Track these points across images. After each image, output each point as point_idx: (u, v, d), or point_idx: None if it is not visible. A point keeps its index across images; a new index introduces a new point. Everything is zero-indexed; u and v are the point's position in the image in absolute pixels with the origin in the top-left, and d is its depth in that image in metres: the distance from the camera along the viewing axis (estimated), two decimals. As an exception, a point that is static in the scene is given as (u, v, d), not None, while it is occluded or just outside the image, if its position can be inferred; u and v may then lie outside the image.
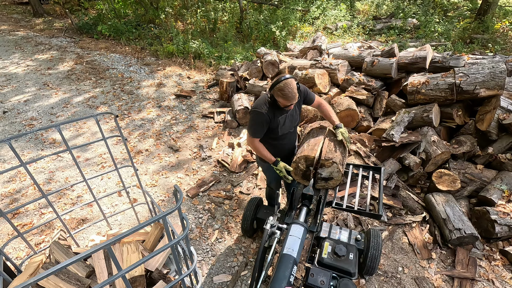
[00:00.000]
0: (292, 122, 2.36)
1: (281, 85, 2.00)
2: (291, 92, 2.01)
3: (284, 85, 2.00)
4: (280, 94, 2.03)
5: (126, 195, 3.55)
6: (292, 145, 2.59)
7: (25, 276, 1.75)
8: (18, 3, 14.46)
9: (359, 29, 8.56)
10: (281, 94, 2.02)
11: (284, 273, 1.67)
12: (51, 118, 5.27)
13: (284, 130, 2.32)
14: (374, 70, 4.40)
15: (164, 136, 4.83)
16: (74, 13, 11.66)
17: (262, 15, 9.44)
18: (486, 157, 3.29)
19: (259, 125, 2.20)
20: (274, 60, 5.52)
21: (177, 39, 7.98)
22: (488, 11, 7.93)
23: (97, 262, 1.86)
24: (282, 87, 2.00)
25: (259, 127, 2.21)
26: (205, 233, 3.14)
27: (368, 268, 2.39)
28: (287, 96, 2.02)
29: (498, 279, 2.58)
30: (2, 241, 3.05)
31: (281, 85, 2.00)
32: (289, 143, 2.52)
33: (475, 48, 6.77)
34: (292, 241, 1.86)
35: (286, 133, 2.36)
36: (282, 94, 2.02)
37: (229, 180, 3.87)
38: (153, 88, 6.40)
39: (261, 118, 2.17)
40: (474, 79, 3.31)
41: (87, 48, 8.76)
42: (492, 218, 2.73)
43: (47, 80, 6.70)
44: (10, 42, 9.17)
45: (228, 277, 2.69)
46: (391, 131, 3.45)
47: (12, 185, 3.80)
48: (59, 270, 0.97)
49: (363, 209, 2.41)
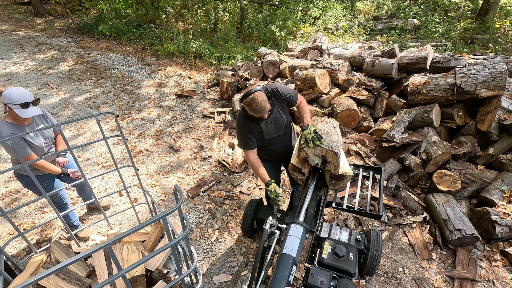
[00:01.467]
0: (278, 125, 2.32)
1: (248, 100, 1.99)
2: (258, 106, 1.99)
3: (251, 100, 1.98)
4: (248, 108, 2.04)
5: (126, 195, 3.56)
6: (286, 147, 2.53)
7: (26, 275, 1.75)
8: (19, 3, 14.49)
9: (359, 29, 8.56)
10: (249, 108, 2.03)
11: (283, 273, 1.67)
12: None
13: (270, 135, 2.29)
14: (375, 71, 4.39)
15: (164, 136, 4.83)
16: (75, 13, 11.68)
17: (263, 15, 9.44)
18: (486, 158, 3.29)
19: (245, 136, 2.19)
20: (274, 60, 5.52)
21: (177, 39, 7.99)
22: (489, 12, 7.92)
23: (97, 262, 1.86)
24: (249, 101, 1.99)
25: (246, 138, 2.20)
26: (205, 233, 3.14)
27: (368, 269, 2.39)
28: (255, 110, 2.02)
29: (498, 280, 2.58)
30: (3, 240, 3.06)
31: (248, 100, 1.99)
32: (281, 146, 2.47)
33: (476, 48, 6.76)
34: (291, 241, 1.86)
35: (273, 136, 2.33)
36: (250, 108, 2.02)
37: (229, 180, 3.87)
38: (154, 88, 6.40)
39: (243, 129, 2.18)
40: (475, 79, 3.31)
41: (88, 48, 8.77)
42: (493, 218, 2.72)
43: (48, 80, 6.71)
44: (11, 42, 9.18)
45: (228, 277, 2.70)
46: (392, 132, 3.44)
47: (12, 184, 3.81)
48: (60, 270, 0.97)
49: (363, 210, 2.41)
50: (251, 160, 2.25)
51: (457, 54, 4.58)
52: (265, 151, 2.41)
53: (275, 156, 2.51)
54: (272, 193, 2.20)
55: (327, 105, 4.44)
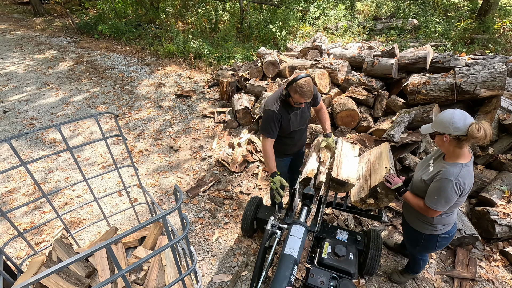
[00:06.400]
0: (303, 119, 2.40)
1: (300, 82, 2.05)
2: (309, 90, 2.07)
3: (303, 82, 2.05)
4: (298, 90, 2.07)
5: (126, 195, 3.56)
6: (302, 142, 2.63)
7: (29, 274, 1.75)
8: (18, 2, 14.47)
9: (359, 29, 8.56)
10: (300, 90, 2.06)
11: (284, 273, 1.67)
12: (51, 118, 5.27)
13: (294, 127, 2.36)
14: (375, 70, 4.40)
15: (164, 135, 4.83)
16: (75, 13, 11.67)
17: (263, 15, 9.43)
18: (486, 158, 3.29)
19: (271, 123, 2.23)
20: (274, 60, 5.52)
21: (177, 39, 7.98)
22: (489, 11, 7.93)
23: (99, 261, 1.86)
24: (301, 83, 2.05)
25: (272, 125, 2.24)
26: (205, 233, 3.14)
27: (368, 268, 2.39)
28: (304, 93, 2.07)
29: (498, 279, 2.58)
30: (2, 240, 3.05)
31: (301, 82, 2.05)
32: (300, 140, 2.56)
33: (475, 48, 6.77)
34: (293, 241, 1.86)
35: (296, 130, 2.40)
36: (301, 90, 2.06)
37: (229, 180, 3.87)
38: (153, 88, 6.40)
39: (273, 116, 2.21)
40: (474, 79, 3.31)
41: (88, 47, 8.76)
42: (492, 218, 2.72)
43: (48, 79, 6.70)
44: (10, 41, 9.17)
45: (228, 277, 2.70)
46: (391, 131, 3.45)
47: (12, 184, 3.81)
48: (62, 269, 0.97)
49: (363, 210, 2.42)
50: (266, 148, 2.28)
51: (456, 54, 4.58)
52: (284, 142, 2.46)
53: (290, 149, 2.57)
54: (275, 184, 2.22)
55: (327, 105, 4.44)
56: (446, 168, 1.68)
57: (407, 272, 2.51)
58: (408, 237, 2.20)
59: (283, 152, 2.56)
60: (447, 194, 1.65)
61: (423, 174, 1.84)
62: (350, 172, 2.22)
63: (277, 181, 2.22)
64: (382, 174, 2.02)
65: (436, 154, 1.91)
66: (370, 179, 2.16)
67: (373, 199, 2.08)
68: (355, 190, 2.28)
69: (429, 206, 1.74)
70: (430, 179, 1.76)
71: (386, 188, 1.99)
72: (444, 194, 1.66)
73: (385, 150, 2.29)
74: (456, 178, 1.63)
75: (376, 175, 2.11)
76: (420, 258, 2.29)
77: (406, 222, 2.14)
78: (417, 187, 1.89)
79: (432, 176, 1.76)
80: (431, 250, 2.12)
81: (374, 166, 2.23)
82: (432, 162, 1.87)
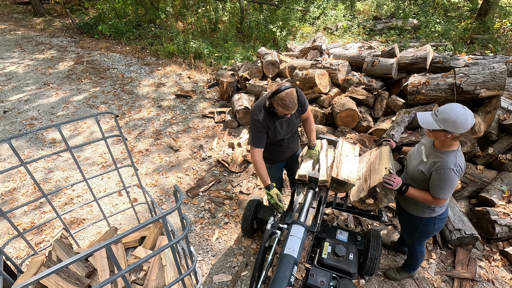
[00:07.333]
0: (290, 127, 2.34)
1: (282, 95, 1.96)
2: (292, 102, 1.98)
3: (285, 95, 1.95)
4: (280, 103, 1.99)
5: (126, 195, 3.56)
6: (293, 148, 2.56)
7: (29, 274, 1.75)
8: (18, 2, 14.47)
9: (359, 29, 8.56)
10: (282, 103, 1.98)
11: (284, 273, 1.67)
12: (51, 118, 5.27)
13: (282, 135, 2.30)
14: (375, 70, 4.40)
15: (164, 135, 4.83)
16: (75, 13, 11.67)
17: (263, 15, 9.44)
18: (486, 158, 3.29)
19: (257, 133, 2.16)
20: (274, 60, 5.52)
21: (177, 39, 7.98)
22: (489, 12, 7.93)
23: (99, 261, 1.86)
24: (283, 96, 1.96)
25: (259, 135, 2.16)
26: (205, 233, 3.14)
27: (368, 269, 2.39)
28: (287, 106, 1.99)
29: (498, 279, 2.58)
30: (2, 240, 3.05)
31: (283, 95, 1.96)
32: (289, 147, 2.50)
33: (475, 48, 6.77)
34: (292, 241, 1.86)
35: (285, 137, 2.34)
36: (283, 103, 1.98)
37: (229, 180, 3.87)
38: (153, 88, 6.40)
39: (259, 125, 2.13)
40: (474, 79, 3.31)
41: (88, 47, 8.76)
42: (492, 218, 2.72)
43: (48, 79, 6.70)
44: (10, 41, 9.17)
45: (228, 277, 2.70)
46: (391, 131, 3.45)
47: (12, 184, 3.81)
48: (62, 269, 0.97)
49: (363, 210, 2.41)
50: (255, 159, 2.21)
51: (456, 54, 4.59)
52: (273, 150, 2.41)
53: (281, 156, 2.52)
54: (272, 199, 2.17)
55: (327, 105, 4.44)
56: (443, 158, 1.78)
57: (404, 269, 2.53)
58: (407, 224, 2.26)
59: (275, 160, 2.52)
60: (452, 181, 1.76)
61: (420, 165, 1.91)
62: (350, 172, 2.22)
63: (274, 195, 2.16)
64: (381, 175, 2.02)
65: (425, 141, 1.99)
66: (369, 179, 2.15)
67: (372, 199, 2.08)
68: (354, 190, 2.28)
69: (438, 197, 1.82)
70: (428, 170, 1.84)
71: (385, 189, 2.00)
72: (449, 182, 1.76)
73: (386, 151, 2.28)
74: (455, 165, 1.74)
75: (375, 176, 2.11)
76: (418, 250, 2.31)
77: (404, 210, 2.18)
78: (415, 178, 1.96)
79: (429, 167, 1.83)
80: (430, 235, 2.15)
81: (374, 166, 2.23)
82: (424, 152, 1.94)
